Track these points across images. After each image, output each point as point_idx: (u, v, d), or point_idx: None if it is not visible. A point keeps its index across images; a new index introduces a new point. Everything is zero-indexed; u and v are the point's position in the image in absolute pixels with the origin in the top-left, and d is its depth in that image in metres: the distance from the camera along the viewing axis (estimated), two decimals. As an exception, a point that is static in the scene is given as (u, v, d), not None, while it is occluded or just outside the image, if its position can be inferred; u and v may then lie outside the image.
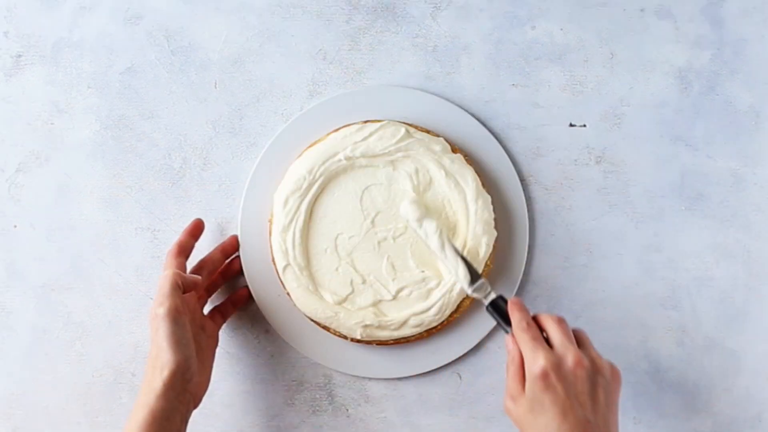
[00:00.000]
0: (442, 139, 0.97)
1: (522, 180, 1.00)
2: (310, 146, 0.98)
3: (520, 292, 1.00)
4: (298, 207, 0.96)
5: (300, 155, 0.98)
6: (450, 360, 1.00)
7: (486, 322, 0.99)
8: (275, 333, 1.00)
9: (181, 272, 0.91)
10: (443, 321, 0.97)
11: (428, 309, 0.96)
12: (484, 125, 1.00)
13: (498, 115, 1.01)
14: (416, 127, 0.98)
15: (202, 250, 1.00)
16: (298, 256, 0.96)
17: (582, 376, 0.82)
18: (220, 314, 0.98)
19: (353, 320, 0.96)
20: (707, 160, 1.01)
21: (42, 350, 1.01)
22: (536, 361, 0.82)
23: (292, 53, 1.01)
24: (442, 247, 0.94)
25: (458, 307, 0.97)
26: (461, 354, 1.00)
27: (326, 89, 1.01)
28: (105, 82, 1.01)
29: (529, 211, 1.00)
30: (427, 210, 0.96)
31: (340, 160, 0.96)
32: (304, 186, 0.96)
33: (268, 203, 0.99)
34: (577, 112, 1.01)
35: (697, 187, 1.01)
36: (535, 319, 0.88)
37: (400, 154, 0.97)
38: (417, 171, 0.97)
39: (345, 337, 0.97)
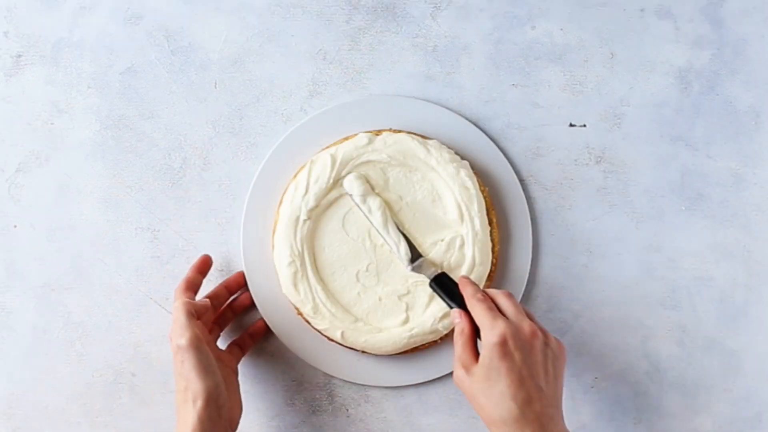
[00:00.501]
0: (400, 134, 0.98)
1: (522, 180, 1.00)
2: (288, 186, 0.98)
3: (522, 292, 1.00)
4: (302, 260, 0.96)
5: (281, 201, 0.98)
6: (448, 371, 1.00)
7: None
8: (275, 333, 1.00)
9: (193, 301, 0.91)
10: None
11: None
12: (485, 125, 1.00)
13: (498, 115, 1.01)
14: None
15: (207, 249, 1.00)
16: (324, 300, 0.96)
17: (537, 345, 0.83)
18: (238, 348, 0.98)
19: (390, 340, 0.96)
20: (707, 160, 1.01)
21: (42, 350, 1.01)
22: (495, 328, 0.83)
23: (292, 53, 1.01)
24: (385, 224, 0.95)
25: None
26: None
27: (326, 89, 1.01)
28: (105, 82, 1.01)
29: (529, 212, 1.00)
30: (370, 186, 0.96)
31: (305, 220, 0.97)
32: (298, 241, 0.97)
33: (269, 215, 0.99)
34: (577, 112, 1.01)
35: (697, 187, 1.01)
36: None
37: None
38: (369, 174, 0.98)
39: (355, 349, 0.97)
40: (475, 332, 0.86)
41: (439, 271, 0.93)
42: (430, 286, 0.93)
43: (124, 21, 1.01)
